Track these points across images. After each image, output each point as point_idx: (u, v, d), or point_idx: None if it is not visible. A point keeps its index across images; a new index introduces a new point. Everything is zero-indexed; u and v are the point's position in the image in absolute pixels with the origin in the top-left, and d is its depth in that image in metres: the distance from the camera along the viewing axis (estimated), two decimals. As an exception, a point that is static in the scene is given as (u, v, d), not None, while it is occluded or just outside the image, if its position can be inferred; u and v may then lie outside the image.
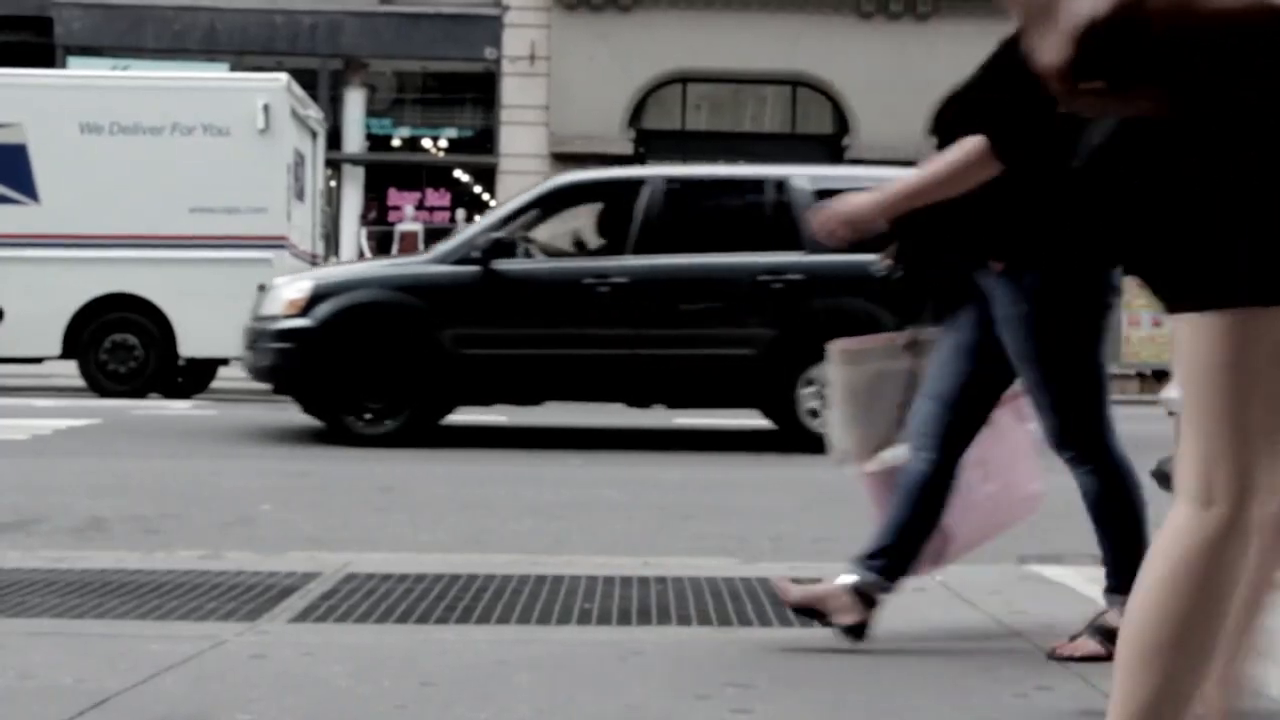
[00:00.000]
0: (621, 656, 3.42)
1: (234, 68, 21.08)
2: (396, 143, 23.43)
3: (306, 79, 18.92)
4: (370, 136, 23.25)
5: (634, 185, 10.01)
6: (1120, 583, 3.44)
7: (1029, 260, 3.28)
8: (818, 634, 3.64)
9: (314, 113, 16.24)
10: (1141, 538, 3.39)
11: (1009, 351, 3.35)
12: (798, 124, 23.47)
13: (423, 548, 5.40)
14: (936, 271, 3.46)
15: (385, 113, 23.46)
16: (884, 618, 3.88)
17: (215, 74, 19.41)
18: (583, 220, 10.98)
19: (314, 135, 16.18)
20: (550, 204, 10.33)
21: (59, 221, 14.17)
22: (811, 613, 3.45)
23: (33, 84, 15.11)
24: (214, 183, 14.18)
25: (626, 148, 22.33)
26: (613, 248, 9.96)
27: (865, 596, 3.45)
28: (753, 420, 10.54)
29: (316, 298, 9.48)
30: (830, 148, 22.91)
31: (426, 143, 23.46)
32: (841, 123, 22.82)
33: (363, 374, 9.39)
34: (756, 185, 10.27)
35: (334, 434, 9.47)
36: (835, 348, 3.69)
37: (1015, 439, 3.65)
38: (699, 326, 9.45)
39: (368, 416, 9.42)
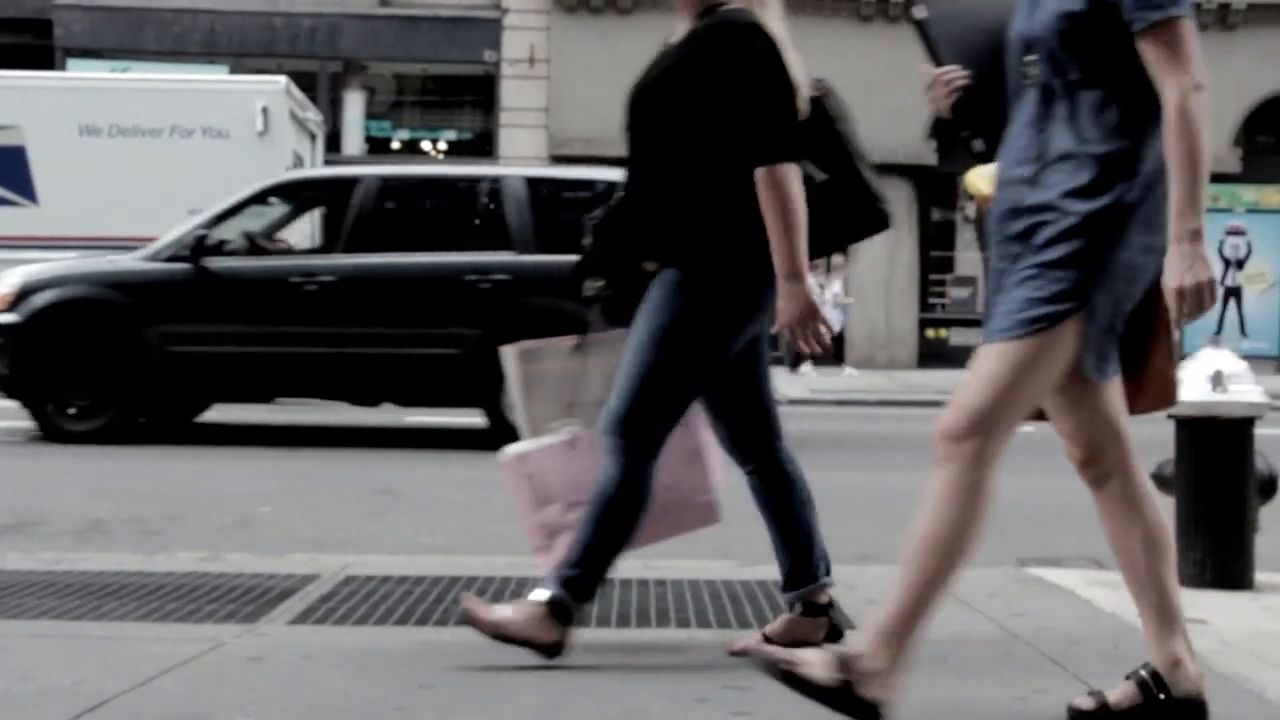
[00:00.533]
0: (621, 659, 3.42)
1: (233, 70, 21.10)
2: (396, 145, 23.42)
3: (306, 81, 18.92)
4: (370, 139, 23.25)
5: (348, 184, 9.99)
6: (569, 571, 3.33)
7: (680, 259, 3.30)
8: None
9: (313, 115, 16.25)
10: (613, 544, 3.33)
11: (638, 325, 3.34)
12: (797, 127, 23.45)
13: (422, 550, 5.40)
14: (639, 280, 3.44)
15: (385, 115, 23.47)
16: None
17: (214, 76, 19.42)
18: (304, 218, 10.98)
19: (313, 137, 16.19)
20: (267, 202, 10.39)
21: (58, 223, 14.17)
22: (798, 642, 3.44)
23: (32, 86, 15.12)
24: (213, 185, 14.11)
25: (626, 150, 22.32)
26: (325, 246, 10.07)
27: (816, 607, 3.50)
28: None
29: (25, 293, 9.53)
30: (829, 150, 22.89)
31: (426, 145, 23.46)
32: (841, 125, 22.79)
33: (69, 370, 9.44)
34: (470, 184, 10.32)
35: (45, 431, 9.48)
36: (507, 348, 3.73)
37: (695, 442, 3.60)
38: (405, 326, 9.43)
39: (72, 412, 9.45)
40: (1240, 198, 17.55)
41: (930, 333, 22.89)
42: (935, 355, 22.41)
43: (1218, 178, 20.59)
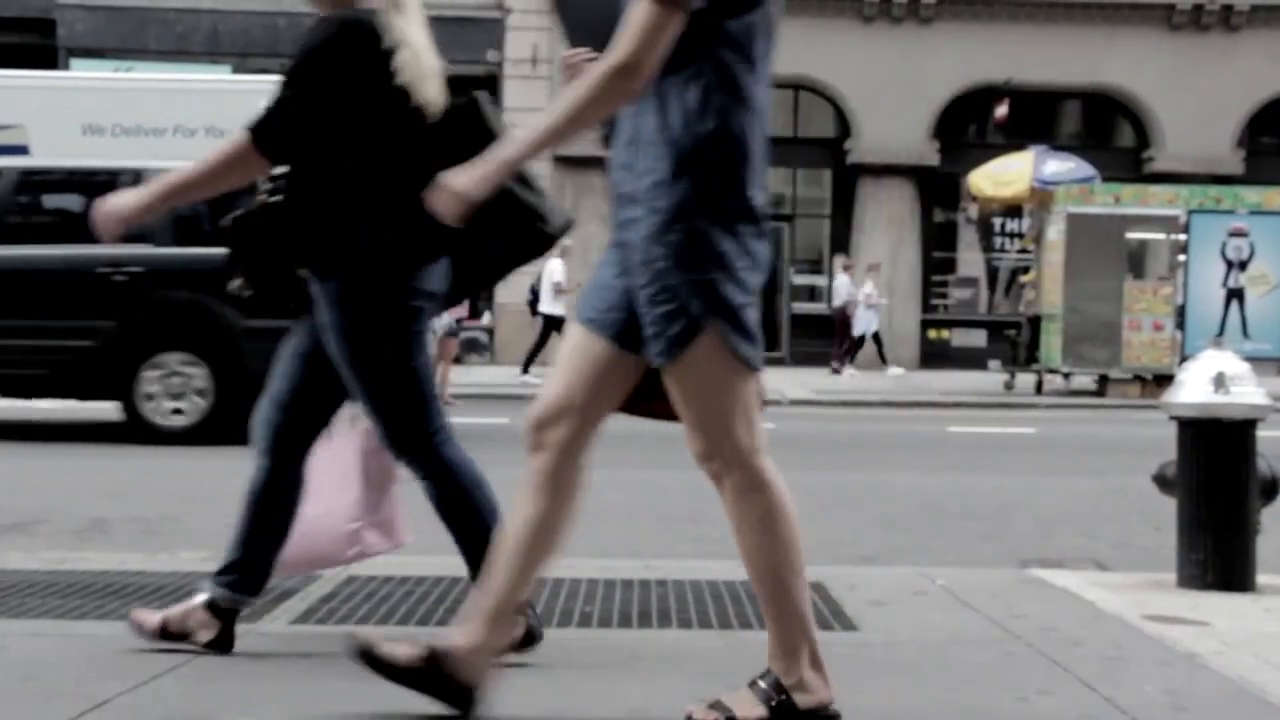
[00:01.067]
0: (623, 659, 3.42)
1: (236, 70, 21.11)
2: (399, 145, 23.45)
3: (309, 81, 18.90)
4: (372, 139, 23.27)
5: None
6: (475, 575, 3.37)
7: (332, 267, 3.30)
8: (820, 637, 3.65)
9: (316, 115, 16.25)
10: (489, 535, 3.31)
11: (330, 350, 3.35)
12: (800, 127, 23.48)
13: (423, 550, 5.39)
14: (281, 281, 3.45)
15: (387, 115, 23.49)
16: (885, 621, 3.88)
17: (217, 76, 19.43)
18: None
19: (316, 137, 16.19)
20: None
21: (61, 223, 14.18)
22: (173, 636, 3.40)
23: (36, 85, 15.12)
24: (216, 184, 14.19)
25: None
26: None
27: (221, 610, 3.42)
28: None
29: None
30: (833, 151, 22.91)
31: (429, 145, 23.48)
32: (844, 126, 22.84)
33: None
34: (110, 177, 10.12)
35: None
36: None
37: (345, 466, 3.59)
38: (39, 318, 9.47)
39: None
40: (1243, 199, 17.50)
41: (932, 333, 22.90)
42: (937, 356, 22.42)
43: (1221, 179, 20.61)
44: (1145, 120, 22.88)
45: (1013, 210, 21.39)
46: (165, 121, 14.36)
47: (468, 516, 3.42)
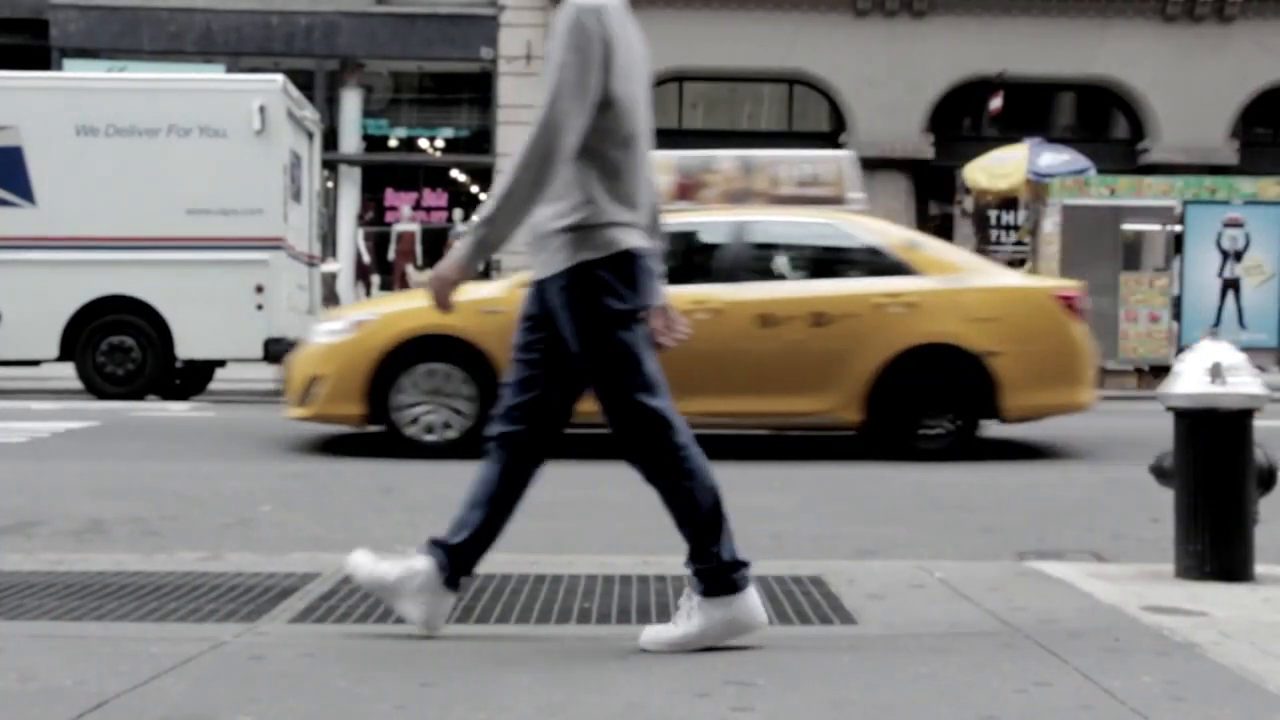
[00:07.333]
0: (621, 655, 3.42)
1: (230, 69, 21.10)
2: (393, 143, 23.43)
3: (303, 80, 18.91)
4: (367, 137, 23.25)
5: None
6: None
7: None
8: (818, 631, 3.66)
9: (310, 113, 16.24)
10: None
11: None
12: (794, 122, 23.48)
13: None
14: None
15: (381, 113, 23.46)
16: (883, 614, 3.88)
17: (211, 75, 19.40)
18: None
19: (310, 136, 16.17)
20: None
21: (55, 224, 14.17)
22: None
23: (29, 86, 15.10)
24: (210, 184, 14.18)
25: None
26: None
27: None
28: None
29: None
30: (827, 145, 22.90)
31: (423, 143, 23.46)
32: (838, 120, 22.83)
33: None
34: None
35: None
36: None
37: None
38: None
39: None
40: (1238, 189, 17.52)
41: (929, 326, 22.86)
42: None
43: (1216, 169, 20.62)
44: (1140, 112, 22.88)
45: (1008, 203, 21.39)
46: (159, 121, 14.34)
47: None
